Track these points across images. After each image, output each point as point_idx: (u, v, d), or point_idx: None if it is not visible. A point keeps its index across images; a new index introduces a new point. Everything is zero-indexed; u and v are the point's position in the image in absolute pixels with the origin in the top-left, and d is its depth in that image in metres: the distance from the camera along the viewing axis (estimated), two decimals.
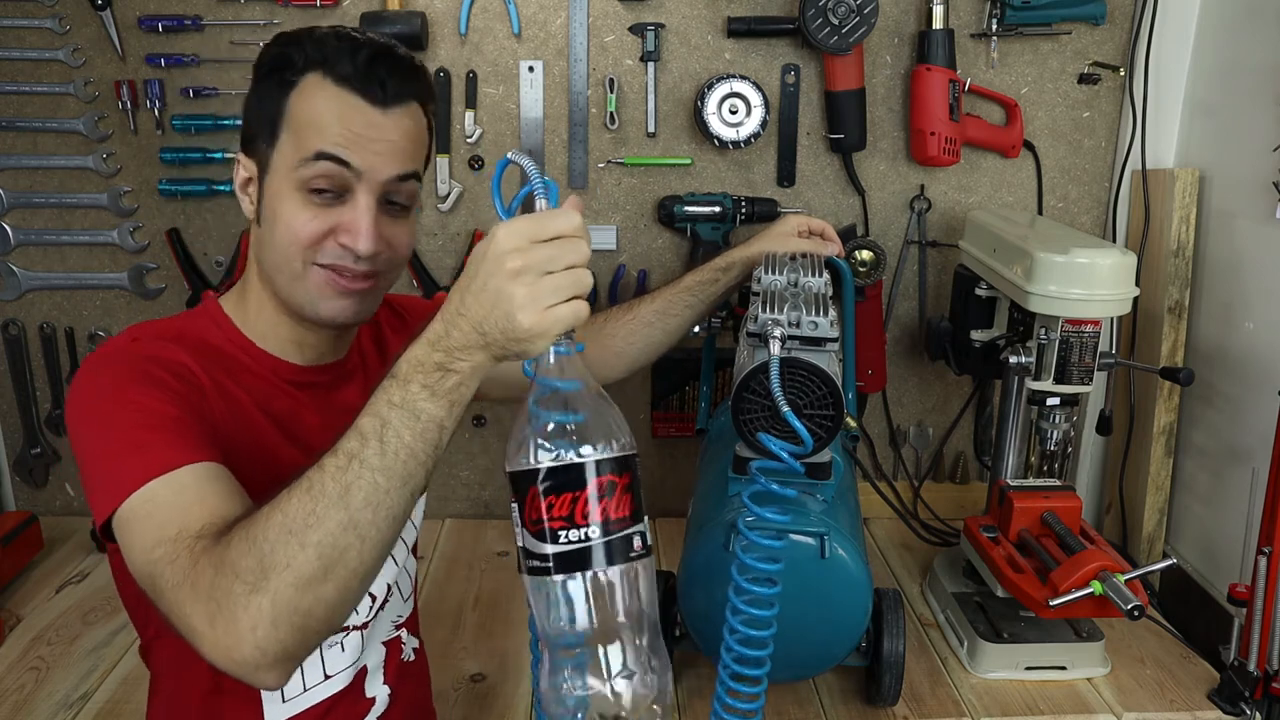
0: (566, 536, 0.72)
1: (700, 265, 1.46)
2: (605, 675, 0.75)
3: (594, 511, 0.73)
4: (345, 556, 0.73)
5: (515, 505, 0.75)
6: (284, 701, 1.03)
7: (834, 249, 1.44)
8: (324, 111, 0.93)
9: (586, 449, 0.73)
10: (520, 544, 0.75)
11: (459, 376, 0.75)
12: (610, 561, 0.74)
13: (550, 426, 0.74)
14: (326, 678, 1.06)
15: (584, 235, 0.74)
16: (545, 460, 0.73)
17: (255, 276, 1.01)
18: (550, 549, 0.73)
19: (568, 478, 0.73)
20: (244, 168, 1.00)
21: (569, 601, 0.74)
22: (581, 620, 0.74)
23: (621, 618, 0.75)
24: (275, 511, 0.74)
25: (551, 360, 0.75)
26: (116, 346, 0.93)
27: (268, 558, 0.72)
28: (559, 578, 0.74)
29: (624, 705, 0.75)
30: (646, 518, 0.77)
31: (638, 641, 0.76)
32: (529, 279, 0.71)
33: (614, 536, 0.74)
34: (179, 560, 0.75)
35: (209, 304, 1.04)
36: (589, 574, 0.73)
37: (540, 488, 0.73)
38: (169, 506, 0.79)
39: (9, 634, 1.51)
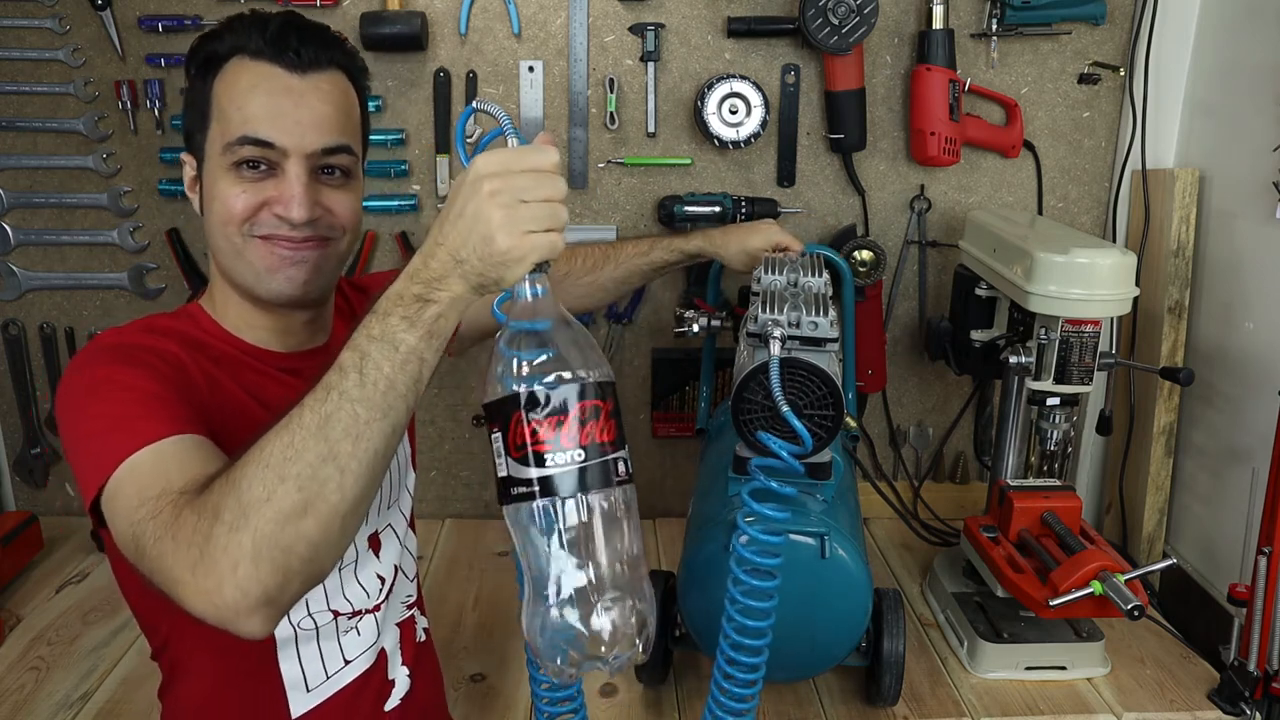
0: (553, 460, 0.73)
1: (668, 241, 1.51)
2: (586, 607, 0.75)
3: (579, 434, 0.73)
4: (325, 490, 0.72)
5: (498, 434, 0.75)
6: (308, 690, 1.04)
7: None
8: (244, 89, 0.94)
9: (569, 373, 0.74)
10: (503, 474, 0.75)
11: (438, 307, 0.75)
12: (594, 486, 0.74)
13: (534, 351, 0.75)
14: (346, 663, 1.06)
15: (560, 173, 0.75)
16: (530, 385, 0.73)
17: (216, 271, 1.03)
18: (534, 473, 0.73)
19: (553, 401, 0.73)
20: (189, 166, 1.01)
21: (550, 527, 0.74)
22: (562, 548, 0.74)
23: (603, 545, 0.75)
24: (255, 451, 0.74)
25: (528, 291, 0.76)
26: (102, 341, 0.94)
27: (246, 494, 0.72)
28: (542, 502, 0.73)
29: (603, 638, 0.74)
30: (627, 446, 0.77)
31: (619, 569, 0.76)
32: (506, 200, 0.72)
33: (598, 460, 0.74)
34: (162, 514, 0.76)
35: (188, 305, 1.06)
36: (574, 498, 0.74)
37: (525, 412, 0.73)
38: (153, 472, 0.80)
39: (9, 634, 1.51)
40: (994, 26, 1.70)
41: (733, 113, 1.68)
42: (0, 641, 1.49)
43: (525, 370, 0.74)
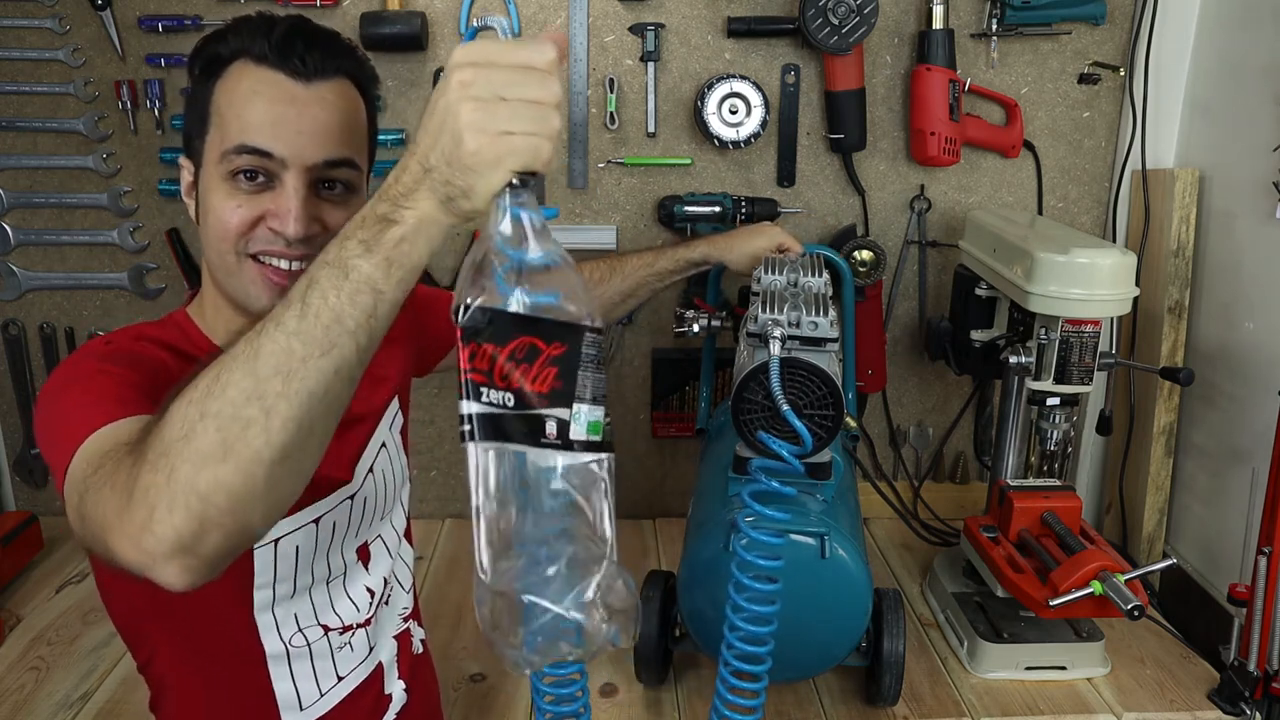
0: (487, 397, 0.62)
1: (672, 250, 1.50)
2: (525, 582, 0.64)
3: (508, 375, 0.62)
4: (247, 433, 0.64)
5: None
6: (302, 709, 1.03)
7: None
8: (246, 95, 0.91)
9: (515, 298, 0.63)
10: None
11: (402, 229, 0.65)
12: (511, 439, 0.62)
13: (488, 260, 0.63)
14: (340, 679, 1.05)
15: (556, 73, 0.64)
16: (471, 299, 0.62)
17: (208, 280, 1.00)
18: (462, 406, 0.62)
19: (486, 325, 0.62)
20: (186, 170, 0.98)
21: (476, 478, 0.63)
22: (482, 503, 0.63)
23: (519, 508, 0.64)
24: (187, 386, 0.67)
25: (507, 212, 0.65)
26: (88, 348, 0.92)
27: (167, 431, 0.66)
28: (469, 445, 0.63)
29: (519, 611, 0.64)
30: (583, 408, 0.65)
31: (554, 542, 0.65)
32: (480, 93, 0.62)
33: (521, 411, 0.63)
34: (104, 468, 0.71)
35: (175, 313, 1.03)
36: (486, 446, 0.63)
37: (462, 330, 0.62)
38: (107, 440, 0.76)
39: (9, 634, 1.51)
40: (994, 26, 1.70)
41: (733, 113, 1.68)
42: (0, 641, 1.49)
43: (472, 278, 0.63)
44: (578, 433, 0.65)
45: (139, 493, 0.65)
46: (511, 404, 0.62)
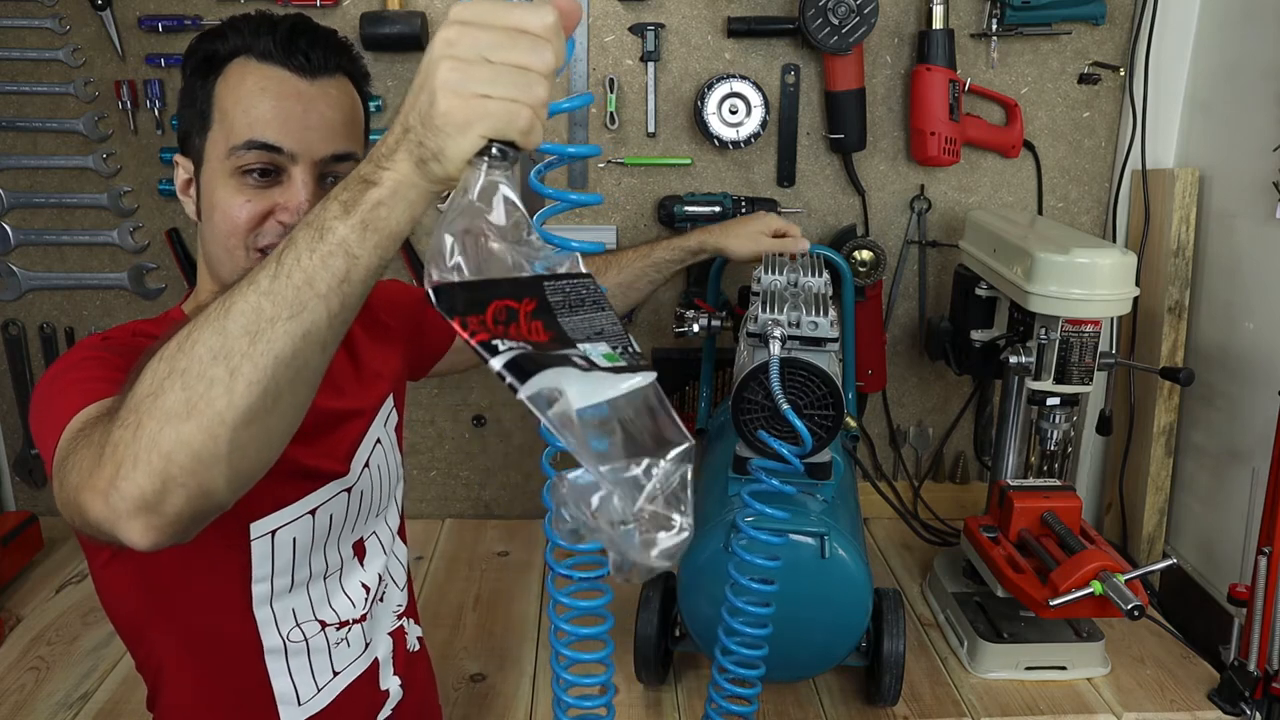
0: (505, 345, 0.59)
1: (668, 240, 1.51)
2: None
3: (505, 334, 0.59)
4: (211, 392, 0.63)
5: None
6: (299, 704, 1.03)
7: (803, 246, 1.45)
8: (251, 92, 0.92)
9: (471, 267, 0.60)
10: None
11: (379, 191, 0.64)
12: (543, 365, 0.58)
13: (446, 235, 0.60)
14: (335, 674, 1.06)
15: (554, 41, 0.61)
16: (433, 282, 0.59)
17: (206, 277, 1.00)
18: (492, 365, 0.58)
19: (457, 300, 0.59)
20: (183, 168, 0.99)
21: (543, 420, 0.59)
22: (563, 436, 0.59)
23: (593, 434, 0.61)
24: (161, 344, 0.67)
25: (480, 179, 0.62)
26: (84, 343, 0.93)
27: (138, 388, 0.66)
28: (520, 395, 0.58)
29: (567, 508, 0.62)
30: (586, 347, 0.62)
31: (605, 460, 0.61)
32: (462, 53, 0.60)
33: (545, 351, 0.60)
34: (84, 432, 0.72)
35: (171, 310, 1.04)
36: (534, 385, 0.58)
37: (442, 313, 0.59)
38: (92, 412, 0.76)
39: (9, 634, 1.51)
40: (994, 26, 1.70)
41: (733, 113, 1.68)
42: (0, 641, 1.49)
43: (432, 263, 0.60)
44: (603, 363, 0.62)
45: (109, 448, 0.66)
46: (531, 348, 0.59)
